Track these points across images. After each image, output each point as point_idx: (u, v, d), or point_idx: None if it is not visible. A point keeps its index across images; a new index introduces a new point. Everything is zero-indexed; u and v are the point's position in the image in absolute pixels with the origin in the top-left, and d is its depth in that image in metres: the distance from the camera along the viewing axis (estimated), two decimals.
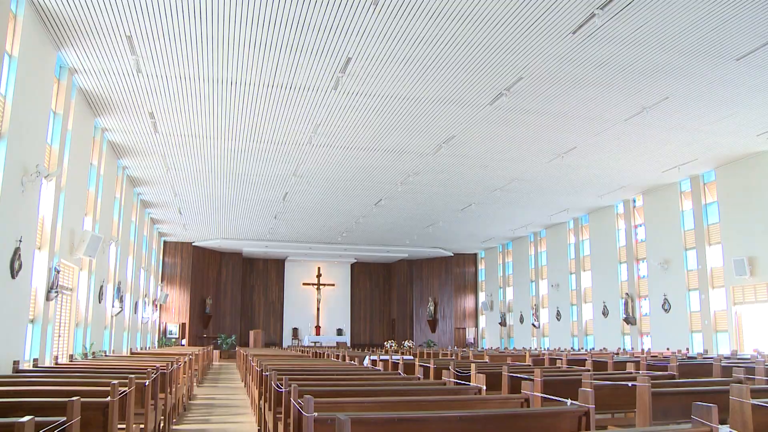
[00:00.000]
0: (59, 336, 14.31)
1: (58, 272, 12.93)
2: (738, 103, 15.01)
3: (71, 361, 11.98)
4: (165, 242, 34.82)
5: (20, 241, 10.40)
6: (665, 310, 22.74)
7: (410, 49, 12.30)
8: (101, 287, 17.60)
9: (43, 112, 11.78)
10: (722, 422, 4.01)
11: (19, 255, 10.35)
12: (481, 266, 40.10)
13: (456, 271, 40.14)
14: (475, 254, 40.42)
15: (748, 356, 14.43)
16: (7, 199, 9.90)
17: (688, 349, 20.19)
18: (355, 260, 41.37)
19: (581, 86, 13.99)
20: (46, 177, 11.49)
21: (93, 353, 15.58)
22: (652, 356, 15.30)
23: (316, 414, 4.25)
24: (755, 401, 4.41)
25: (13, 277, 10.22)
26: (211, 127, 16.75)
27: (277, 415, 6.54)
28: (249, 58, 12.64)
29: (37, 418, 3.20)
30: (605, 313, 26.60)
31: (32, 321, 11.94)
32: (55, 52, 12.26)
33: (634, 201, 25.27)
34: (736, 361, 11.60)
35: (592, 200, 25.45)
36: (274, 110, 15.48)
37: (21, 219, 10.66)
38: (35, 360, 10.80)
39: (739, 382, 5.51)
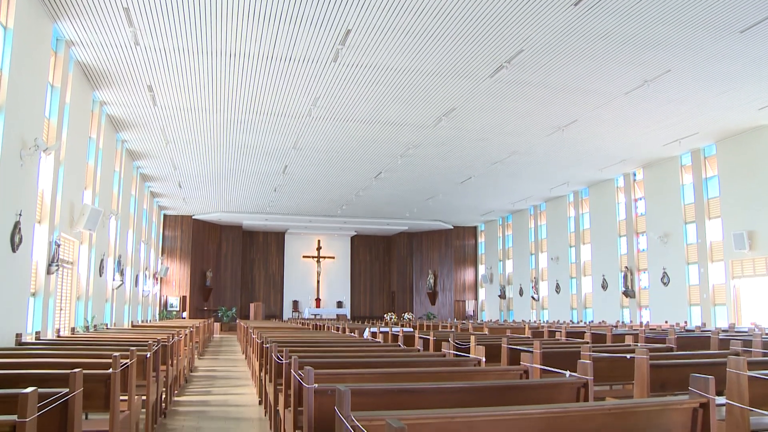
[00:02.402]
0: (61, 309, 14.38)
1: (59, 246, 12.95)
2: (741, 77, 14.91)
3: (73, 334, 12.05)
4: (165, 215, 34.85)
5: (20, 215, 10.40)
6: (664, 284, 22.83)
7: (410, 21, 12.18)
8: (102, 261, 17.64)
9: (40, 85, 11.70)
10: (719, 394, 4.05)
11: (20, 229, 10.35)
12: (481, 239, 40.18)
13: (456, 244, 40.23)
14: (475, 227, 40.47)
15: (746, 329, 14.51)
16: (6, 172, 9.88)
17: (686, 322, 20.32)
18: (355, 233, 41.42)
19: (582, 59, 13.89)
20: (45, 150, 11.46)
21: (94, 326, 15.67)
22: (650, 329, 15.38)
23: (316, 385, 4.28)
24: (752, 373, 4.45)
25: (13, 250, 10.24)
26: (210, 100, 16.66)
27: (278, 387, 6.59)
28: (247, 30, 12.53)
29: (40, 390, 3.23)
30: (604, 286, 26.70)
31: (34, 294, 11.99)
32: (51, 24, 12.14)
33: (635, 174, 25.23)
34: (734, 334, 11.67)
35: (592, 173, 25.41)
36: (273, 83, 15.39)
37: (20, 193, 10.65)
38: (37, 333, 10.86)
39: (737, 354, 5.54)
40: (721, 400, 4.37)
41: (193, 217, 35.28)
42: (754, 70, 14.49)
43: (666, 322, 19.98)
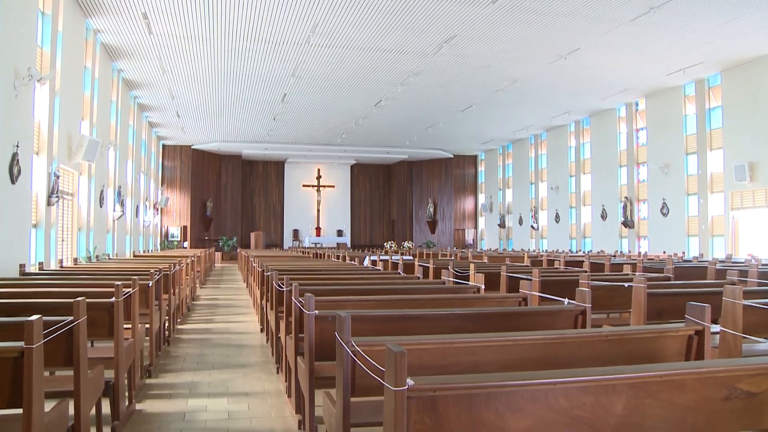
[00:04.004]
0: (63, 240, 14.46)
1: (58, 177, 12.92)
2: (750, 3, 14.51)
3: (75, 265, 12.16)
4: (164, 145, 34.65)
5: (17, 146, 10.33)
6: (663, 214, 22.90)
7: None
8: (102, 191, 17.64)
9: (30, 12, 11.42)
10: (714, 322, 4.11)
11: (18, 160, 10.30)
12: (481, 168, 40.08)
13: (456, 173, 40.16)
14: (476, 156, 40.31)
15: (743, 260, 14.62)
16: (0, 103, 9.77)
17: (684, 252, 20.46)
18: (355, 162, 41.27)
19: None
20: (39, 80, 11.29)
21: (96, 256, 15.79)
22: (648, 259, 15.51)
23: (317, 312, 4.34)
24: (747, 302, 4.51)
25: (12, 182, 10.22)
26: (207, 28, 16.31)
27: (279, 314, 6.69)
28: None
29: (45, 318, 3.27)
30: (604, 216, 26.80)
31: (35, 226, 12.03)
32: None
33: (637, 104, 24.96)
34: (731, 264, 11.77)
35: (594, 103, 25.13)
36: (270, 9, 15.02)
37: (16, 124, 10.54)
38: (40, 263, 10.94)
39: (733, 284, 5.61)
40: (716, 328, 4.45)
41: (192, 147, 35.09)
42: None
43: (664, 252, 20.13)
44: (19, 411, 3.09)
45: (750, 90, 19.00)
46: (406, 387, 2.18)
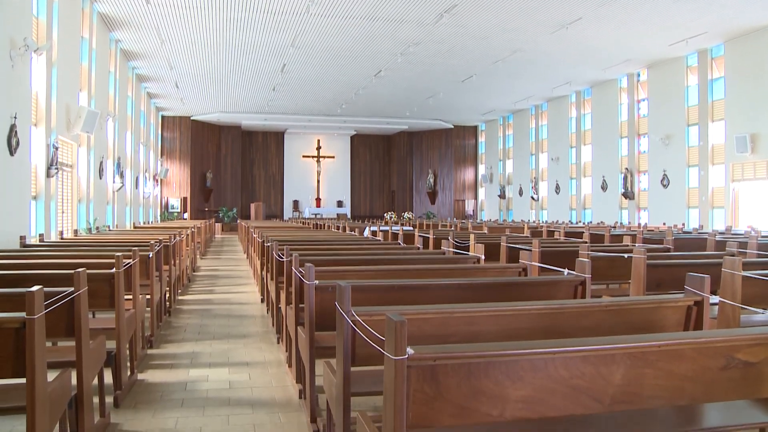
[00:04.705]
0: (63, 212, 14.46)
1: (57, 149, 12.87)
2: None
3: (76, 236, 12.17)
4: (163, 117, 34.48)
5: (15, 117, 10.27)
6: (664, 186, 22.86)
7: None
8: (101, 163, 17.58)
9: None
10: (713, 293, 4.12)
11: (16, 132, 10.26)
12: (482, 139, 39.94)
13: (456, 144, 40.03)
14: (476, 126, 40.14)
15: (743, 232, 14.61)
16: None
17: (684, 224, 20.46)
18: (355, 132, 41.08)
19: None
20: (36, 51, 11.19)
21: (97, 228, 15.80)
22: (648, 230, 15.51)
23: (317, 282, 4.34)
24: (746, 273, 4.52)
25: (11, 154, 10.19)
26: None
27: (279, 284, 6.70)
28: None
29: (45, 288, 3.28)
30: (604, 188, 26.77)
31: (35, 198, 12.02)
32: None
33: (639, 75, 24.78)
34: (731, 236, 11.77)
35: (595, 73, 24.94)
36: None
37: (13, 95, 10.47)
38: (41, 235, 10.95)
39: (732, 255, 5.62)
40: (715, 299, 4.46)
41: (191, 118, 34.92)
42: None
43: (664, 223, 20.13)
44: (23, 381, 3.11)
45: (753, 61, 18.83)
46: (406, 356, 2.19)
